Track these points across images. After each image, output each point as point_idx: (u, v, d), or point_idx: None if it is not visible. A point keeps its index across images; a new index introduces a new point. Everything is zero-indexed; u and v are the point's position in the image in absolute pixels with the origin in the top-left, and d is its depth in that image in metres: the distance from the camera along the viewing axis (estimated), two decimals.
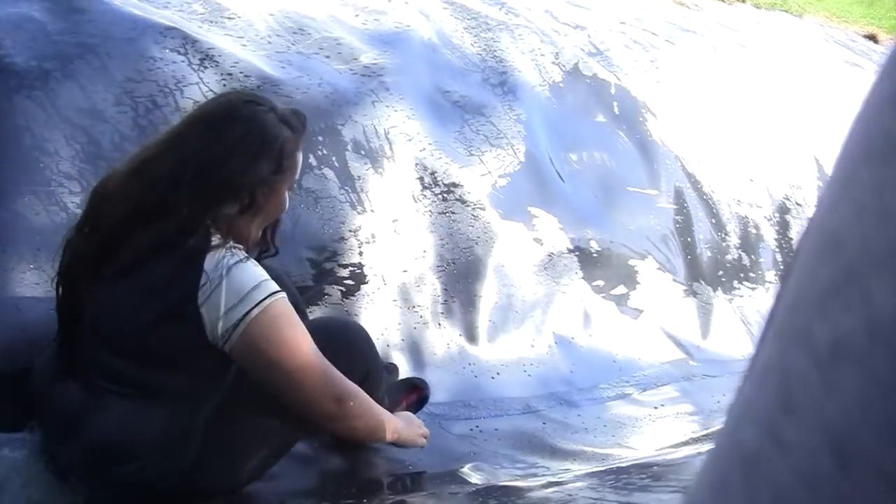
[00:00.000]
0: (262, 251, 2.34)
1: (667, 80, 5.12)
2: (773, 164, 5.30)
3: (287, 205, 2.24)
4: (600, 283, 3.93)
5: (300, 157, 2.20)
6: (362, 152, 3.35)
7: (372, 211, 3.28)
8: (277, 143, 2.09)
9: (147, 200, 2.02)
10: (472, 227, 3.54)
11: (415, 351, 3.20)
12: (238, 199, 2.06)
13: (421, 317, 3.26)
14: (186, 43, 3.05)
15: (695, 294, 4.32)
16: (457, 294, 3.40)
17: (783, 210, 5.14)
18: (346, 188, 3.24)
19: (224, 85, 3.04)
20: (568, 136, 4.25)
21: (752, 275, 4.71)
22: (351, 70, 3.51)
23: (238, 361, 2.04)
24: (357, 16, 3.88)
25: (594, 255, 3.95)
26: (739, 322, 4.42)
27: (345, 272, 3.11)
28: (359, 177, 3.30)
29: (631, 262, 4.09)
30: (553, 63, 4.55)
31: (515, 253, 3.66)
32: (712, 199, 4.73)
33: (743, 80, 5.75)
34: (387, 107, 3.50)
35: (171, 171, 2.01)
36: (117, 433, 2.06)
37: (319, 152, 3.21)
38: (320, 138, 3.23)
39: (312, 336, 2.09)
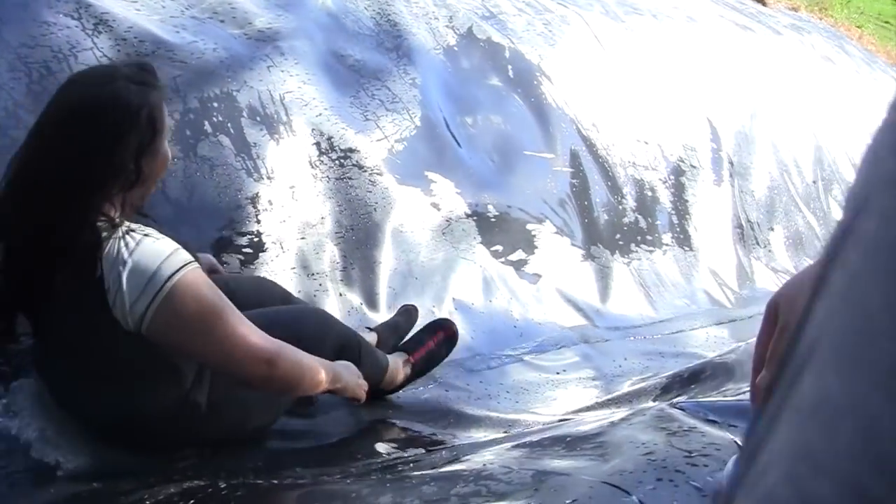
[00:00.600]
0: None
1: (560, 43, 5.26)
2: (667, 126, 5.48)
3: (170, 154, 2.25)
4: (499, 248, 4.04)
5: (165, 107, 2.17)
6: (258, 118, 3.39)
7: (269, 178, 3.33)
8: (144, 112, 2.07)
9: (32, 212, 2.04)
10: (370, 192, 3.62)
11: None
12: (126, 178, 2.06)
13: (320, 284, 3.33)
14: (80, 7, 3.06)
15: (593, 258, 4.47)
16: (356, 261, 3.48)
17: (678, 172, 5.34)
18: (243, 155, 3.29)
19: (118, 50, 3.06)
20: (463, 100, 4.35)
21: (648, 237, 4.89)
22: (245, 35, 3.56)
23: (159, 344, 2.08)
24: None
25: (492, 219, 4.07)
26: (637, 285, 4.59)
27: (243, 240, 3.17)
28: (255, 143, 3.34)
29: (529, 226, 4.22)
30: (447, 27, 4.63)
31: (414, 218, 3.76)
32: (608, 162, 4.89)
33: (636, 43, 5.92)
34: (282, 72, 3.55)
35: (49, 177, 2.02)
36: (114, 413, 2.20)
37: (214, 119, 3.25)
38: (215, 104, 3.28)
39: (270, 332, 2.20)
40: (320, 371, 2.33)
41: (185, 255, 2.05)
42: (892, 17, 22.46)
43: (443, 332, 3.26)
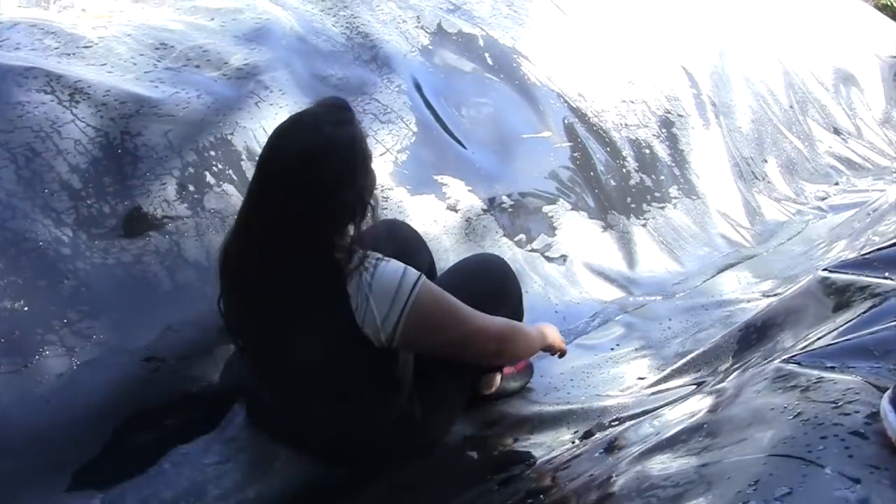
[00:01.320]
0: None
1: (528, 22, 4.98)
2: (647, 81, 5.25)
3: (376, 173, 2.33)
4: (522, 236, 3.80)
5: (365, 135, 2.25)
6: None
7: None
8: (356, 148, 2.17)
9: (271, 250, 2.15)
10: (386, 209, 3.34)
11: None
12: (354, 211, 2.17)
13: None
14: (51, 80, 2.73)
15: (611, 227, 4.23)
16: None
17: (668, 124, 5.10)
18: None
19: (101, 116, 2.75)
20: (451, 96, 4.08)
21: (657, 194, 4.66)
22: (225, 75, 3.24)
23: (409, 350, 2.32)
24: (213, 19, 3.59)
25: (509, 210, 3.82)
26: (659, 244, 4.37)
27: None
28: None
29: (545, 209, 3.97)
30: (416, 27, 4.34)
31: (435, 225, 3.50)
32: (602, 129, 4.64)
33: (596, 5, 5.65)
34: (271, 105, 3.24)
35: (285, 223, 2.12)
36: (338, 434, 2.37)
37: (215, 168, 2.95)
38: (212, 153, 2.96)
39: (466, 279, 2.57)
40: (535, 337, 2.60)
41: (414, 270, 2.22)
42: None
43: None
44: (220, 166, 2.97)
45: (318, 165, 2.09)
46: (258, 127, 3.15)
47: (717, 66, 5.99)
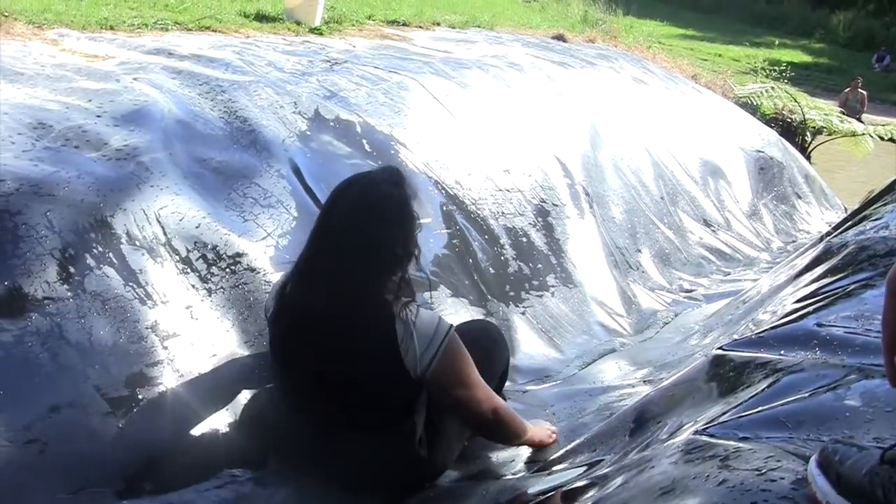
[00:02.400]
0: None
1: (404, 109, 5.20)
2: (522, 171, 5.49)
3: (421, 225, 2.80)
4: None
5: None
6: (137, 243, 3.16)
7: (164, 303, 3.10)
8: (409, 205, 2.70)
9: (333, 290, 2.63)
10: (268, 293, 3.42)
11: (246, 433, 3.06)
12: (405, 259, 2.70)
13: (245, 397, 3.11)
14: None
15: (491, 314, 4.39)
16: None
17: (544, 213, 5.34)
18: (131, 284, 3.05)
19: None
20: (331, 181, 4.14)
21: (535, 282, 4.85)
22: (105, 156, 3.32)
23: (431, 388, 2.70)
24: (90, 101, 3.68)
25: None
26: (538, 331, 4.53)
27: (155, 371, 2.92)
28: (140, 270, 3.11)
29: (425, 295, 4.09)
30: (294, 112, 4.51)
31: None
32: (480, 216, 4.83)
33: (472, 96, 5.92)
34: (151, 187, 3.34)
35: (347, 267, 2.61)
36: (366, 461, 2.68)
37: (95, 251, 3.01)
38: (92, 235, 3.03)
39: (466, 337, 2.79)
40: (525, 430, 2.96)
41: (447, 321, 2.74)
42: (663, 36, 23.61)
43: None
44: (100, 248, 3.03)
45: (375, 216, 2.63)
46: (139, 210, 3.24)
47: (590, 156, 6.31)
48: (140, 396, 2.84)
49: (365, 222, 2.62)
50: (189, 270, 3.28)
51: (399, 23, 8.86)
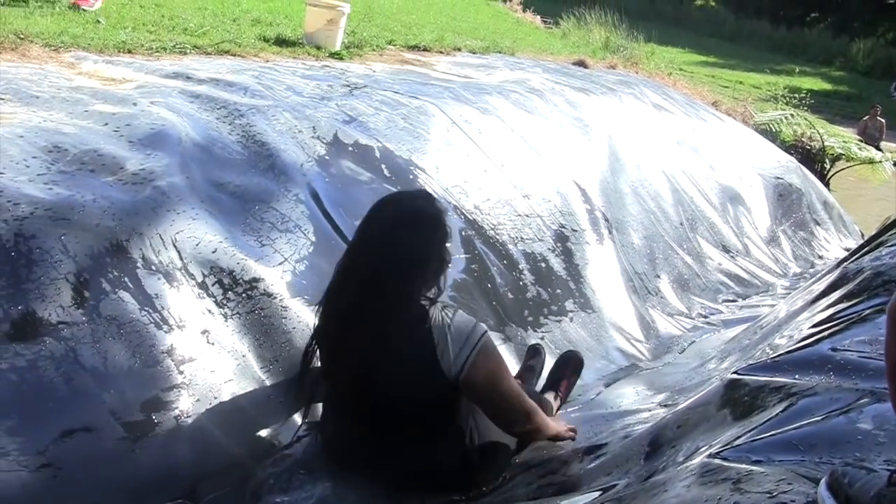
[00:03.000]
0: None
1: (424, 134, 5.17)
2: (542, 196, 5.45)
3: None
4: None
5: None
6: (153, 267, 3.14)
7: (180, 327, 3.07)
8: (443, 219, 2.90)
9: (373, 296, 2.77)
10: (285, 319, 3.40)
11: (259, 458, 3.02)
12: (439, 267, 2.89)
13: (261, 423, 3.08)
14: None
15: (509, 339, 4.36)
16: (289, 392, 3.24)
17: (563, 238, 5.29)
18: (147, 309, 3.02)
19: None
20: (349, 206, 4.18)
21: (553, 307, 4.81)
22: (121, 180, 3.31)
23: (466, 389, 2.79)
24: (107, 124, 3.67)
25: None
26: (556, 356, 4.46)
27: (171, 396, 2.89)
28: (156, 294, 3.09)
29: None
30: (313, 137, 4.48)
31: None
32: (499, 241, 4.79)
33: (492, 121, 5.90)
34: (168, 211, 3.32)
35: (387, 275, 2.77)
36: (412, 465, 2.84)
37: (111, 275, 2.99)
38: (108, 259, 3.01)
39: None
40: (551, 428, 3.10)
41: (482, 324, 2.88)
42: (684, 63, 23.63)
43: (572, 363, 4.04)
44: (115, 273, 3.01)
45: (414, 229, 2.82)
46: (155, 234, 3.22)
47: (610, 182, 6.27)
48: (156, 421, 2.81)
49: (405, 234, 2.80)
50: (205, 295, 3.25)
51: (420, 48, 8.86)
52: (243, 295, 3.35)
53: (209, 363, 3.08)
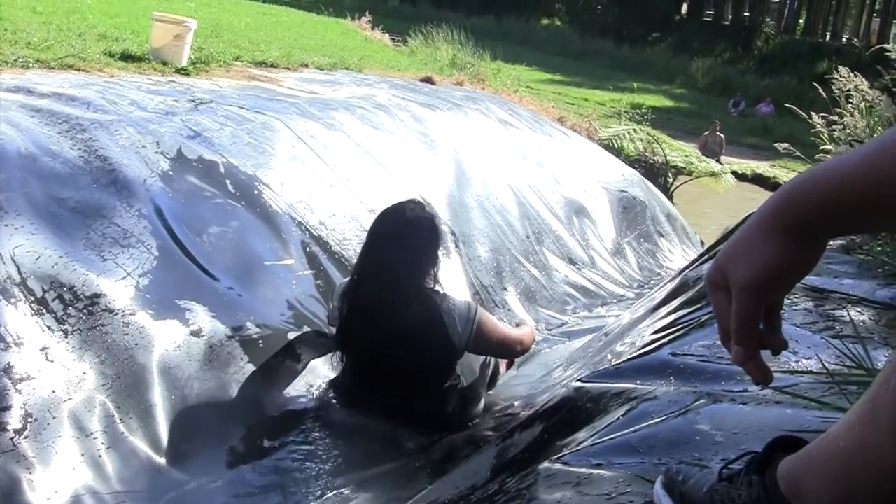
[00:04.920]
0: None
1: (269, 149, 5.19)
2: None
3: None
4: None
5: None
6: None
7: (17, 345, 3.03)
8: (438, 222, 3.81)
9: (389, 286, 3.56)
10: (127, 335, 3.39)
11: (103, 478, 3.00)
12: (440, 264, 3.75)
13: (102, 442, 3.06)
14: None
15: None
16: (130, 408, 3.23)
17: None
18: None
19: None
20: (192, 221, 4.19)
21: None
22: None
23: (475, 349, 3.73)
24: None
25: (255, 336, 3.90)
26: None
27: (7, 416, 2.85)
28: None
29: (290, 335, 4.08)
30: (157, 152, 4.46)
31: (178, 351, 3.55)
32: (344, 257, 4.84)
33: (337, 137, 5.95)
34: (6, 226, 3.27)
35: (400, 272, 3.57)
36: (431, 409, 3.69)
37: None
38: None
39: None
40: (532, 335, 4.26)
41: (473, 302, 3.87)
42: (531, 81, 24.08)
43: None
44: None
45: (417, 229, 3.62)
46: None
47: (456, 196, 6.38)
48: None
49: (410, 232, 3.59)
50: (45, 311, 3.22)
51: (267, 64, 8.84)
52: (84, 311, 3.33)
53: (48, 381, 3.05)
